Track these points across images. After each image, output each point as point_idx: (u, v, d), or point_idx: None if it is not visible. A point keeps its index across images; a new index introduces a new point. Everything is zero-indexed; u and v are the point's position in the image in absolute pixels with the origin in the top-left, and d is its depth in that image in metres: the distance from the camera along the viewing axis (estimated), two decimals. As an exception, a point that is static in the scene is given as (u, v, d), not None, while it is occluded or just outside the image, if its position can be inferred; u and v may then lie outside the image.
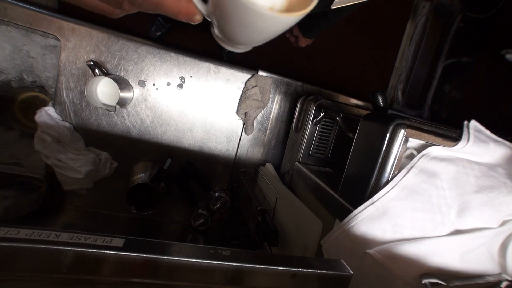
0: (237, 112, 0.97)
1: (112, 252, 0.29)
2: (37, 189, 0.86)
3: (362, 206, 0.53)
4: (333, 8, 0.63)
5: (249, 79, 0.95)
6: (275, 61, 1.45)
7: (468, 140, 0.54)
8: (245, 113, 0.95)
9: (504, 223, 0.51)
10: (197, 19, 0.27)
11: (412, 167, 0.52)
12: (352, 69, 1.59)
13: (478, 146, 0.54)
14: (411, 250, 0.47)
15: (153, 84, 0.89)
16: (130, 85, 0.87)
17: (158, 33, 1.31)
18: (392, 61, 1.57)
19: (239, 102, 0.96)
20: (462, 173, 0.52)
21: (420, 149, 0.54)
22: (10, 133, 0.85)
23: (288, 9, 0.24)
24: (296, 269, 0.34)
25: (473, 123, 0.56)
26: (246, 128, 0.98)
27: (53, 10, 0.81)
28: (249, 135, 1.00)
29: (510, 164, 0.55)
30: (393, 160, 0.52)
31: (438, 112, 1.57)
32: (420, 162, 0.52)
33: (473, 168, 0.53)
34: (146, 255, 0.30)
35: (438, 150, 0.53)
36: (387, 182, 0.52)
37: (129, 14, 0.27)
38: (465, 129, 0.56)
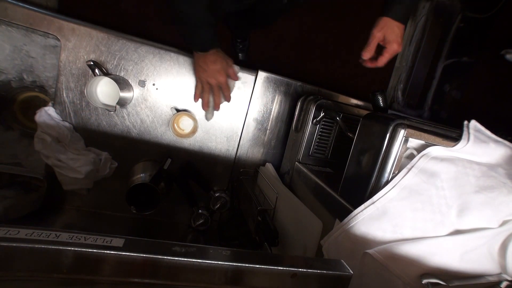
0: None
1: (112, 252, 0.29)
2: (37, 189, 0.86)
3: (362, 206, 0.52)
4: None
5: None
6: (275, 61, 1.45)
7: (468, 140, 0.54)
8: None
9: (504, 223, 0.51)
10: None
11: (412, 167, 0.52)
12: (352, 69, 1.59)
13: (478, 146, 0.54)
14: (411, 250, 0.47)
15: (153, 84, 0.89)
16: (130, 85, 0.87)
17: (243, 53, 1.30)
18: (392, 61, 1.57)
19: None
20: (462, 173, 0.52)
21: (420, 149, 0.54)
22: (10, 133, 0.85)
23: None
24: (296, 269, 0.35)
25: (473, 123, 0.56)
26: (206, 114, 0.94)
27: (53, 10, 0.81)
28: (249, 135, 1.00)
29: (510, 164, 0.55)
30: (393, 160, 0.52)
31: (438, 112, 1.56)
32: (420, 162, 0.52)
33: (473, 168, 0.53)
34: (146, 255, 0.30)
35: (438, 150, 0.53)
36: (387, 182, 0.52)
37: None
38: (465, 129, 0.55)
